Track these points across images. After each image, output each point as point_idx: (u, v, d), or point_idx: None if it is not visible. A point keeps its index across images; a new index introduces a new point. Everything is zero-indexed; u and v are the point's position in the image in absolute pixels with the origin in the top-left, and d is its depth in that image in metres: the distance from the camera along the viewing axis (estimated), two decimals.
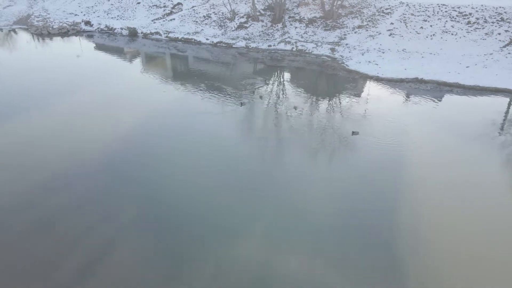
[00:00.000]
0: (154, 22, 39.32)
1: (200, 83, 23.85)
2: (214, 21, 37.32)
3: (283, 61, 29.17)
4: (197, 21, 37.94)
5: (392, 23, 31.10)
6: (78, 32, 39.23)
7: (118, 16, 42.00)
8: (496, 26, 28.09)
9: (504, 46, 26.61)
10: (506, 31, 27.55)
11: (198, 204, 11.78)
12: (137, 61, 30.25)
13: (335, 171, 13.82)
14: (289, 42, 32.12)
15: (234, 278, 9.11)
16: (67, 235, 10.43)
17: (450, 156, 14.82)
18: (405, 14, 31.43)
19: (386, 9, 32.76)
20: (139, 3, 43.16)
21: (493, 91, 21.97)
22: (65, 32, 38.71)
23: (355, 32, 31.79)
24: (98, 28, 39.53)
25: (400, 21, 31.03)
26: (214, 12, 38.28)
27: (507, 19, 28.31)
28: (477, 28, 28.39)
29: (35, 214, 11.22)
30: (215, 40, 34.11)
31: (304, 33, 33.37)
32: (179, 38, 35.59)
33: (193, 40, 35.03)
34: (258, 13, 36.08)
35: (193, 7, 40.23)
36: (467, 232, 10.69)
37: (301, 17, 34.97)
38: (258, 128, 17.82)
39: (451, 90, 22.40)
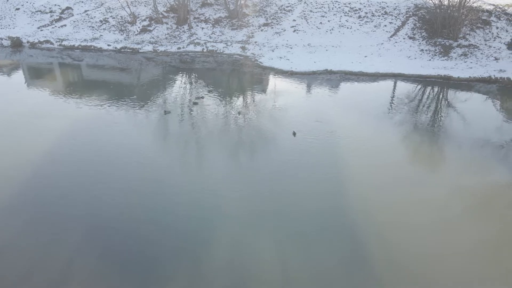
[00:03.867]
0: (42, 30, 34.99)
1: (106, 94, 21.86)
2: (113, 25, 34.77)
3: (196, 63, 28.59)
4: (93, 27, 34.89)
5: (294, 20, 32.84)
6: None
7: None
8: (382, 19, 31.69)
9: (391, 36, 30.18)
10: (390, 23, 31.28)
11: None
12: (20, 76, 26.48)
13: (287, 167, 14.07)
14: (198, 43, 31.62)
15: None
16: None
17: (367, 138, 16.33)
18: (305, 11, 33.47)
19: (287, 7, 34.44)
20: (18, 9, 37.94)
21: (391, 76, 24.77)
22: None
23: (261, 30, 32.74)
24: None
25: (301, 18, 32.95)
26: (111, 16, 35.65)
27: (389, 12, 32.15)
28: (367, 22, 31.65)
29: None
30: (118, 46, 31.84)
31: (212, 34, 33.19)
32: (76, 46, 32.32)
33: (92, 47, 32.15)
34: (161, 15, 34.71)
35: (86, 11, 36.87)
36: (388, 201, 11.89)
37: (207, 18, 34.71)
38: (194, 135, 17.15)
39: (357, 78, 24.60)
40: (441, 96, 22.37)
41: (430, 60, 26.74)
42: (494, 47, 26.98)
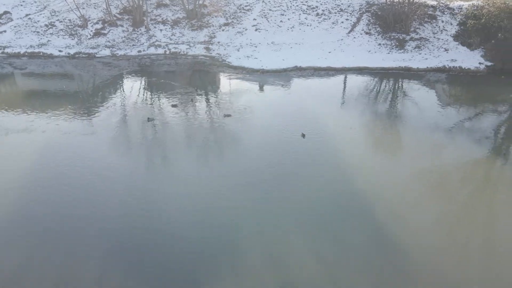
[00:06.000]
0: None
1: (50, 105, 20.09)
2: (61, 30, 32.30)
3: (160, 66, 27.62)
4: (38, 32, 32.15)
5: (254, 19, 33.00)
6: None
7: None
8: (338, 16, 32.99)
9: (349, 32, 31.56)
10: (347, 19, 32.68)
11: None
12: None
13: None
14: (159, 46, 30.55)
15: None
16: None
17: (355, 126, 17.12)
18: (264, 10, 33.78)
19: (246, 6, 34.50)
20: None
21: (357, 70, 25.96)
22: None
23: (222, 30, 32.45)
24: None
25: (261, 17, 33.20)
26: (58, 20, 33.09)
27: (344, 9, 33.58)
28: (325, 19, 32.77)
29: None
30: (72, 51, 29.68)
31: (171, 35, 32.21)
32: (22, 53, 29.60)
33: (41, 54, 29.64)
34: (114, 18, 32.93)
35: (27, 15, 33.83)
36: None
37: (164, 19, 33.59)
38: (194, 139, 16.56)
39: (327, 73, 25.45)
40: (408, 86, 23.76)
41: (388, 53, 28.43)
42: (442, 39, 29.38)
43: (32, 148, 15.13)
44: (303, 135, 15.82)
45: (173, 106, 19.45)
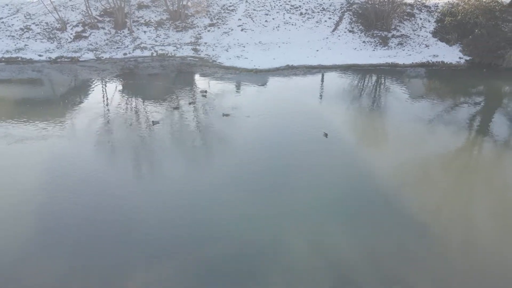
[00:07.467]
0: None
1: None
2: (38, 33, 30.89)
3: (150, 69, 27.13)
4: (13, 36, 30.57)
5: (239, 19, 33.03)
6: None
7: None
8: (321, 15, 33.68)
9: (333, 31, 32.29)
10: (330, 18, 33.42)
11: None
12: None
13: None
14: (145, 48, 29.92)
15: None
16: None
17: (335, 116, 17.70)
18: (248, 10, 33.88)
19: (229, 6, 34.46)
20: None
21: (347, 67, 26.65)
22: None
23: (208, 31, 32.25)
24: None
25: (246, 17, 33.29)
26: (34, 23, 31.62)
27: (327, 8, 34.31)
28: (309, 18, 33.34)
29: None
30: (53, 55, 28.48)
31: (156, 37, 31.63)
32: None
33: (19, 59, 28.24)
34: (95, 20, 31.90)
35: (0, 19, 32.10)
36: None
37: (147, 21, 32.91)
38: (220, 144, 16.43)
39: (319, 71, 25.96)
40: (400, 81, 24.56)
41: (374, 50, 29.37)
42: (422, 36, 30.73)
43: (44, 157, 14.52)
44: (326, 135, 15.51)
45: (175, 108, 19.20)
